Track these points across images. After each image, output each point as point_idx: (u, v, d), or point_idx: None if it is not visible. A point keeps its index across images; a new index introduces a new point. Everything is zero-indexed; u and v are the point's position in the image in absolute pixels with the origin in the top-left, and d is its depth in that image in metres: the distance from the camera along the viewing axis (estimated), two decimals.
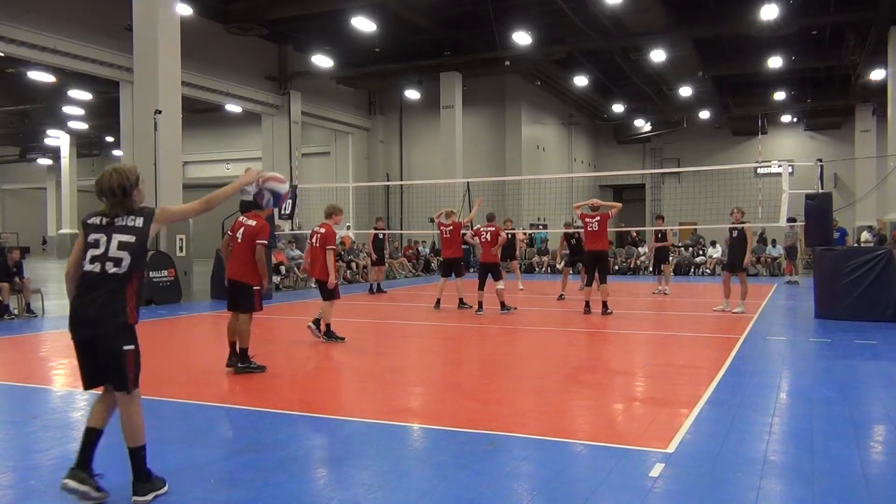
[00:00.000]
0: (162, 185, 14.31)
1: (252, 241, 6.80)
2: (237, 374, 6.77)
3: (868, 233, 20.87)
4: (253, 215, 6.98)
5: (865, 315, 10.16)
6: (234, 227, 7.06)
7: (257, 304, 6.94)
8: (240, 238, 6.91)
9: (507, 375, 6.85)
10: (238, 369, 6.81)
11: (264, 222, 6.96)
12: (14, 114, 31.15)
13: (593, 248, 11.47)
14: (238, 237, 6.92)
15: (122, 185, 3.52)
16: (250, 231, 6.86)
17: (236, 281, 6.91)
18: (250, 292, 6.86)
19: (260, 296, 7.00)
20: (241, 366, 6.83)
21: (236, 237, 6.95)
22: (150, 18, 14.74)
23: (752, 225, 13.03)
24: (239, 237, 6.92)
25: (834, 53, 22.81)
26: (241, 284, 6.88)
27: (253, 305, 6.89)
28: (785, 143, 33.75)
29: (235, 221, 7.13)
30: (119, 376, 3.46)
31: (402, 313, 12.93)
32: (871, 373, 6.90)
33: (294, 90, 25.26)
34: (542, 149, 31.30)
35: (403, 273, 22.10)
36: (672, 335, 9.69)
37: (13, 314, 11.31)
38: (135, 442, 3.55)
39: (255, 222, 6.89)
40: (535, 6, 20.00)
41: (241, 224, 6.98)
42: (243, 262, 6.85)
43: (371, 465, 4.13)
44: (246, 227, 6.91)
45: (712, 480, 3.80)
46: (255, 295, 6.90)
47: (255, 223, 6.88)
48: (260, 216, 6.95)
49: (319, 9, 19.73)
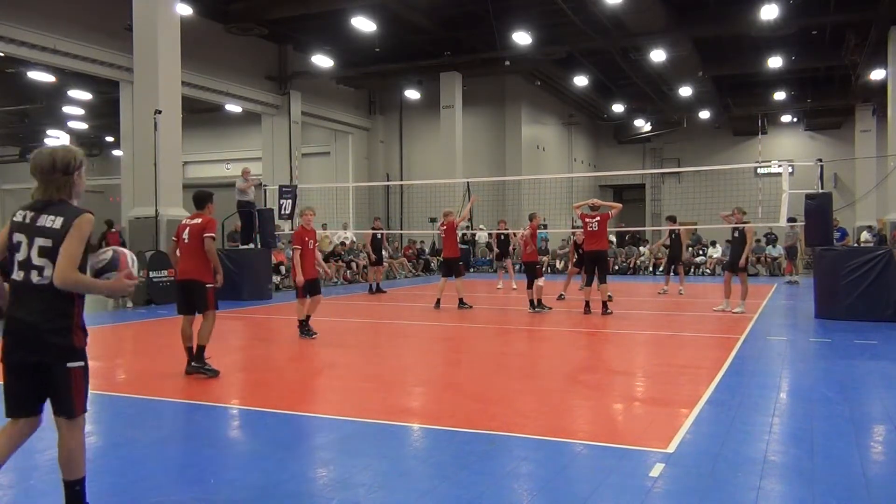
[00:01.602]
0: (162, 185, 14.30)
1: (200, 237, 6.59)
2: (188, 374, 6.54)
3: (868, 233, 20.86)
4: (197, 214, 6.83)
5: (865, 315, 10.15)
6: (178, 231, 6.83)
7: (212, 303, 6.66)
8: (186, 238, 6.69)
9: (507, 375, 6.85)
10: (191, 368, 6.56)
11: (210, 218, 6.76)
12: (14, 114, 31.15)
13: (593, 248, 11.48)
14: (185, 238, 6.70)
15: (68, 162, 3.06)
16: (197, 228, 6.65)
17: (188, 280, 6.66)
18: (204, 291, 6.61)
19: (214, 293, 6.72)
20: (195, 365, 6.57)
21: (182, 238, 6.72)
22: (150, 18, 14.73)
23: (754, 225, 13.03)
24: (185, 237, 6.70)
25: (834, 53, 22.79)
26: (194, 283, 6.62)
27: (208, 304, 6.62)
28: (785, 143, 33.74)
29: (179, 225, 6.91)
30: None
31: (403, 313, 12.92)
32: (871, 373, 6.90)
33: (294, 90, 25.25)
34: (542, 149, 31.29)
35: (403, 273, 22.10)
36: (672, 335, 9.69)
37: None
38: (73, 475, 3.09)
39: (200, 220, 6.72)
40: (535, 6, 19.99)
41: (185, 225, 6.78)
42: (194, 260, 6.59)
43: (371, 465, 4.13)
44: (192, 226, 6.72)
45: (712, 480, 3.80)
46: (209, 293, 6.64)
47: (201, 220, 6.71)
48: (205, 214, 6.78)
49: (319, 9, 19.72)
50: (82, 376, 3.07)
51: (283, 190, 16.57)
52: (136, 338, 9.94)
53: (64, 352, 3.01)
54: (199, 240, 6.60)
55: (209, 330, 6.63)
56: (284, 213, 16.06)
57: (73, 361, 3.02)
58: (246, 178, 15.18)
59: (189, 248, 6.67)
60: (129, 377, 7.06)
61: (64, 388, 3.02)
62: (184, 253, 6.73)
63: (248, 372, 6.83)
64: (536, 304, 11.70)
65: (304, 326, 8.94)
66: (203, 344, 6.61)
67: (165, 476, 3.84)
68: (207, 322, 6.65)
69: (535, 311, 11.63)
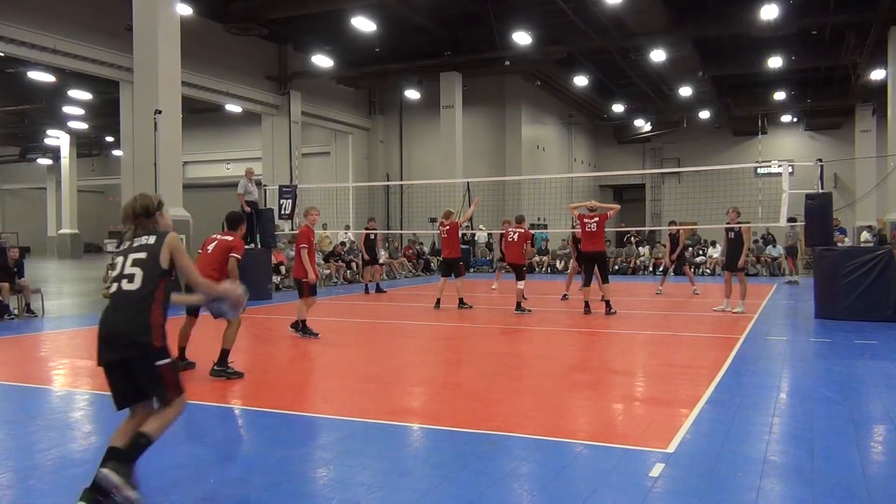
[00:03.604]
0: (162, 185, 14.29)
1: (225, 253, 6.72)
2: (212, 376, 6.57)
3: (868, 233, 20.86)
4: (228, 233, 7.00)
5: (865, 315, 10.15)
6: (205, 242, 6.96)
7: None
8: (210, 249, 6.82)
9: (507, 375, 6.85)
10: (215, 372, 6.58)
11: (241, 240, 6.92)
12: (14, 114, 31.14)
13: (591, 249, 11.49)
14: (209, 248, 6.83)
15: (147, 206, 3.62)
16: (225, 244, 6.79)
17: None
18: None
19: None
20: (217, 368, 6.60)
21: (206, 249, 6.85)
22: (150, 18, 14.73)
23: (752, 225, 13.03)
24: (210, 248, 6.83)
25: (834, 53, 22.78)
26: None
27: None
28: (785, 143, 33.75)
29: (208, 237, 7.05)
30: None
31: (403, 313, 12.92)
32: (871, 373, 6.89)
33: (294, 90, 25.25)
34: (542, 149, 31.30)
35: (403, 273, 22.10)
36: (672, 335, 9.69)
37: (13, 314, 11.31)
38: (150, 431, 3.45)
39: (231, 238, 6.88)
40: (535, 6, 20.00)
41: (214, 239, 6.92)
42: (209, 270, 6.51)
43: (371, 465, 4.13)
44: (221, 241, 6.86)
45: (712, 480, 3.80)
46: None
47: (232, 238, 6.87)
48: (236, 235, 6.95)
49: (319, 9, 19.73)
50: (171, 370, 3.46)
51: (283, 190, 16.58)
52: None
53: (146, 350, 3.37)
54: (224, 255, 6.74)
55: (233, 334, 6.73)
56: (284, 213, 16.06)
57: (160, 360, 3.40)
58: (250, 179, 15.19)
59: (209, 258, 6.80)
60: None
61: (154, 382, 3.44)
62: (202, 261, 6.82)
63: (248, 372, 6.81)
64: (517, 307, 11.65)
65: (306, 327, 8.96)
66: (227, 348, 6.71)
67: (165, 476, 3.84)
68: (231, 327, 6.74)
69: (518, 312, 11.57)
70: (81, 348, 8.80)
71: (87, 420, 5.42)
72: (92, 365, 7.55)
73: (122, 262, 3.50)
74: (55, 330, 10.20)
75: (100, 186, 42.00)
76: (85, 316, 11.94)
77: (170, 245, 3.51)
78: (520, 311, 11.56)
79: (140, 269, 3.44)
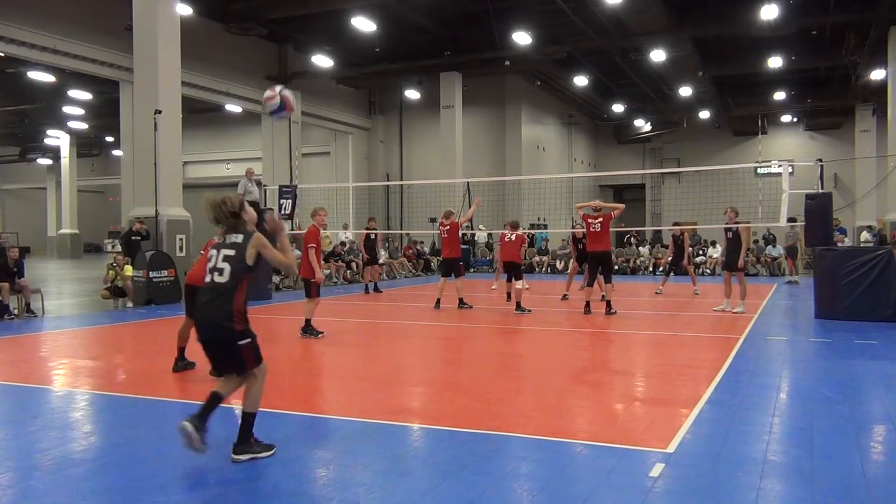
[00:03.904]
0: (162, 185, 14.30)
1: None
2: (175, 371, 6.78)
3: (868, 233, 20.87)
4: None
5: (865, 315, 10.15)
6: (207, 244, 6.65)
7: None
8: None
9: (507, 375, 6.85)
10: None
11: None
12: (14, 114, 31.15)
13: (596, 248, 11.48)
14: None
15: (234, 209, 4.20)
16: None
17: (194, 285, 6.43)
18: None
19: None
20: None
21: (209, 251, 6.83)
22: (150, 18, 14.73)
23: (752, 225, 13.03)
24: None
25: (834, 53, 22.79)
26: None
27: None
28: (785, 143, 33.75)
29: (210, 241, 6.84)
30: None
31: (403, 313, 12.92)
32: (871, 373, 6.89)
33: (294, 90, 25.17)
34: (542, 149, 31.30)
35: (403, 273, 22.10)
36: (672, 335, 9.68)
37: (13, 314, 11.31)
38: (248, 408, 4.15)
39: None
40: (535, 6, 20.00)
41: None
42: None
43: (371, 465, 4.13)
44: None
45: (712, 480, 3.80)
46: None
47: None
48: None
49: (319, 9, 19.72)
50: (251, 348, 4.12)
51: (283, 190, 16.57)
52: (135, 338, 9.93)
53: (230, 333, 4.04)
54: None
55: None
56: (284, 212, 16.05)
57: (242, 339, 4.07)
58: (250, 179, 15.18)
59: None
60: (129, 377, 7.06)
61: (236, 359, 4.13)
62: (203, 262, 6.68)
63: None
64: (517, 307, 11.66)
65: (309, 325, 8.96)
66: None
67: (166, 476, 3.84)
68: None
69: (518, 312, 11.58)
70: (81, 348, 8.81)
71: (87, 420, 5.42)
72: (92, 365, 7.58)
73: (215, 256, 4.15)
74: (55, 330, 10.19)
75: (100, 186, 42.01)
76: (85, 316, 11.95)
77: (255, 245, 4.15)
78: (520, 311, 11.56)
79: (229, 265, 4.09)
